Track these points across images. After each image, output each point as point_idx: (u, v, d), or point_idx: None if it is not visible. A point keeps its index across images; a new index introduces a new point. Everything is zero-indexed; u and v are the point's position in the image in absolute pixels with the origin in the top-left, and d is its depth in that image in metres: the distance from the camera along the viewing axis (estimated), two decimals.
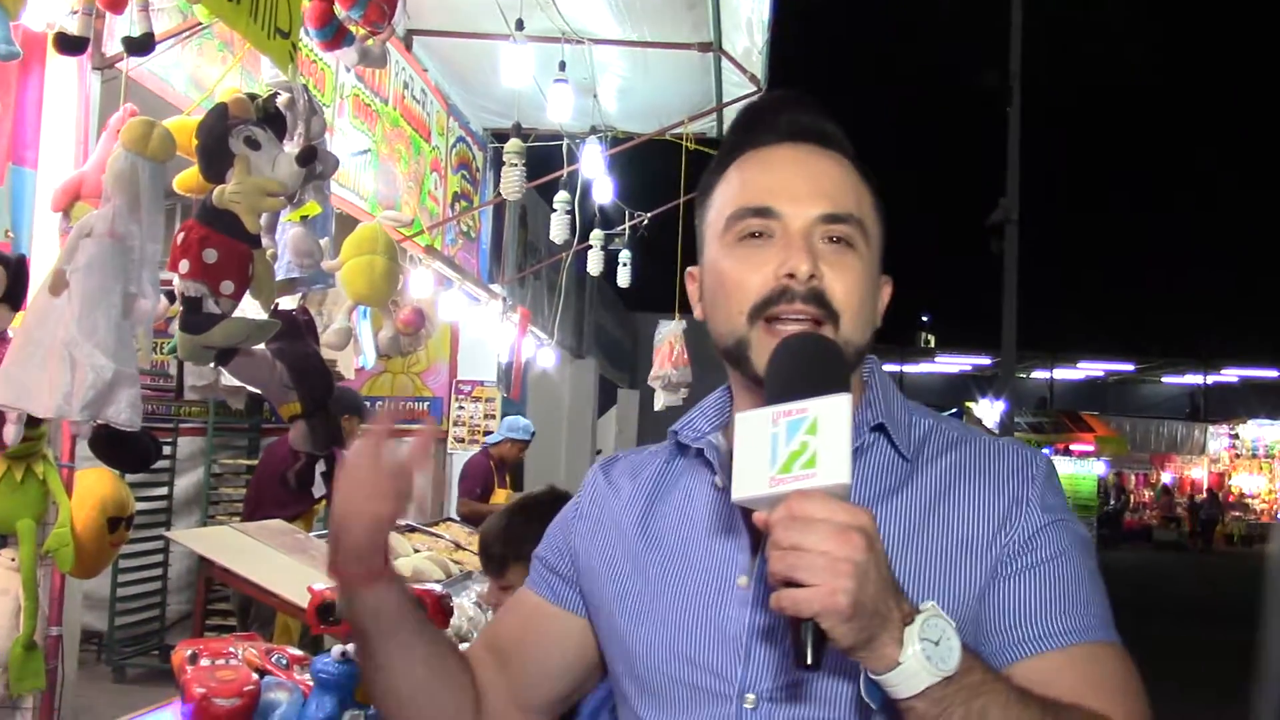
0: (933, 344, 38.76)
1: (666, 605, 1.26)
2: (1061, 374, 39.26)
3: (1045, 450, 23.51)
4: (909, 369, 39.15)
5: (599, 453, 13.87)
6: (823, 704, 1.17)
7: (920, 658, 1.02)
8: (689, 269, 1.39)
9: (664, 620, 1.25)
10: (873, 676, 1.04)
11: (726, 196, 1.30)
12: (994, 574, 1.20)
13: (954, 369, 38.39)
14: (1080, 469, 30.39)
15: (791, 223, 1.24)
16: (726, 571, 1.24)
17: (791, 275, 1.21)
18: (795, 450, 1.04)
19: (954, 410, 29.04)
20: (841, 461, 1.03)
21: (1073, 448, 29.84)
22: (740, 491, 1.08)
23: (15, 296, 2.53)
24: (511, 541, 2.33)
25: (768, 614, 1.15)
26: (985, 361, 32.45)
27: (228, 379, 3.75)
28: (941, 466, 1.27)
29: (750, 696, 1.19)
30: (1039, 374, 37.60)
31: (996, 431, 21.80)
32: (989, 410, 25.88)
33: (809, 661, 1.02)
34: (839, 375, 1.12)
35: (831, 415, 1.05)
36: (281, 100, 2.62)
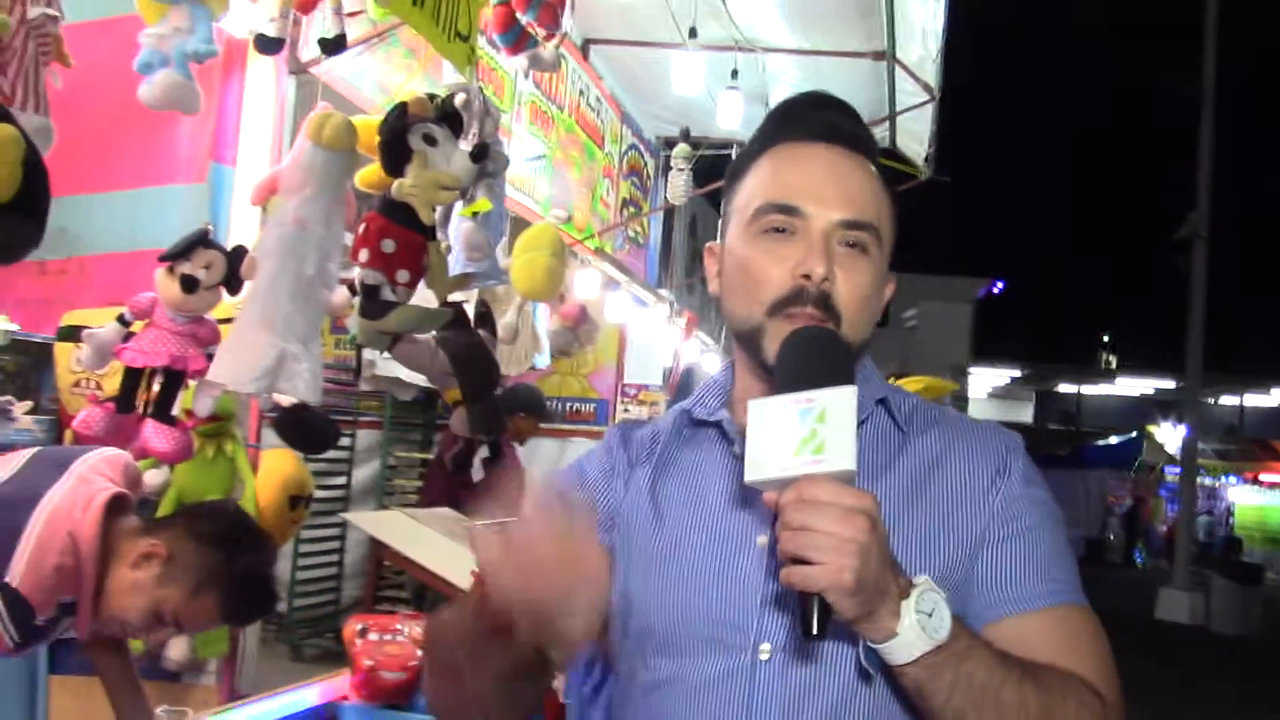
0: (1114, 365, 37.37)
1: (686, 563, 1.31)
2: (1254, 400, 37.28)
3: (1233, 479, 22.43)
4: (1087, 390, 37.79)
5: None
6: (830, 662, 1.24)
7: (915, 628, 1.13)
8: (709, 244, 1.46)
9: (683, 576, 1.31)
10: (872, 645, 1.15)
11: (757, 186, 1.37)
12: (982, 539, 1.30)
13: (1135, 391, 36.88)
14: (1271, 500, 28.84)
15: (814, 224, 1.32)
16: (745, 533, 1.31)
17: (807, 276, 1.29)
18: (805, 437, 1.13)
19: (1134, 434, 27.96)
20: (848, 449, 1.12)
21: (1262, 477, 28.28)
22: (753, 474, 1.16)
23: (233, 283, 2.73)
24: None
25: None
26: (1169, 384, 31.07)
27: (398, 371, 3.93)
28: (932, 438, 1.37)
29: (765, 647, 1.26)
30: (1228, 399, 35.79)
31: (1179, 458, 20.89)
32: (1172, 435, 24.82)
33: (815, 631, 1.12)
34: (844, 367, 1.21)
35: (839, 405, 1.14)
36: (458, 101, 2.75)
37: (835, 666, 1.24)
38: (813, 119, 1.39)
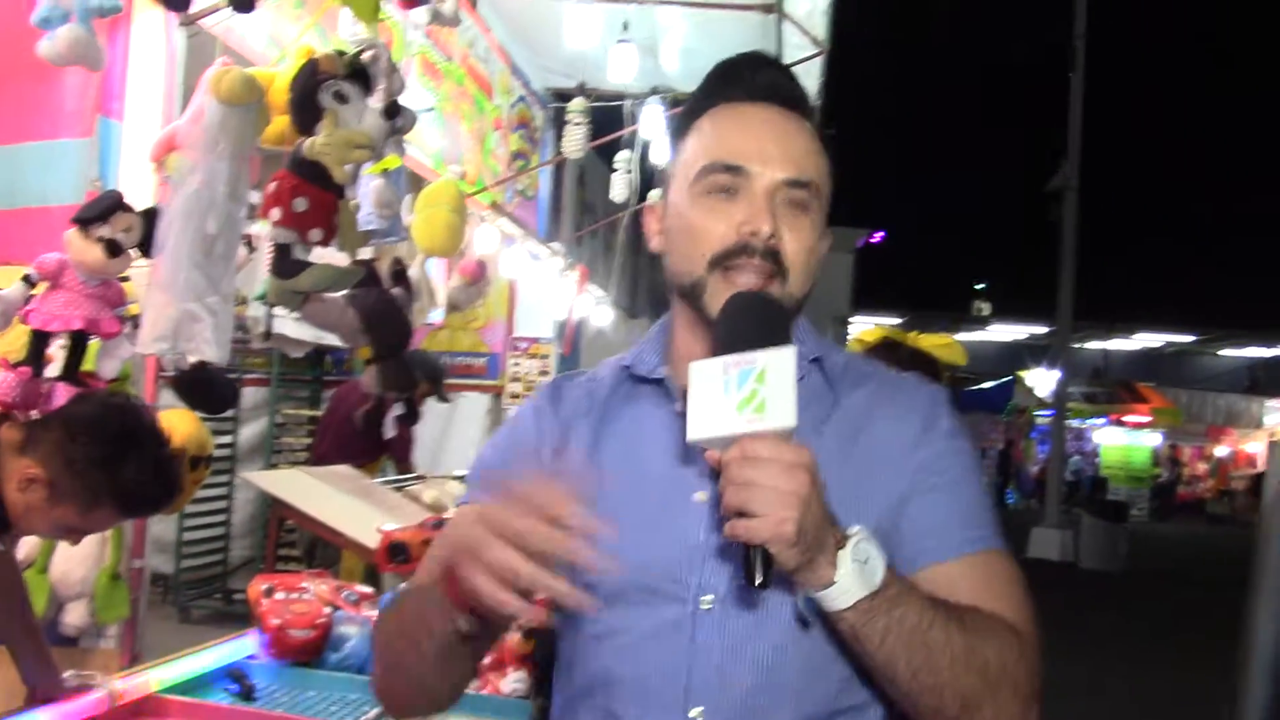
0: (988, 312, 38.42)
1: (629, 519, 1.31)
2: (1118, 344, 38.76)
3: (1100, 420, 23.29)
4: (962, 336, 38.77)
5: None
6: (769, 611, 1.30)
7: (851, 576, 1.19)
8: (648, 204, 1.49)
9: (625, 532, 1.28)
10: (810, 594, 1.22)
11: (700, 146, 1.40)
12: (910, 490, 1.37)
13: (1009, 338, 38.02)
14: (1134, 440, 30.13)
15: (758, 182, 1.36)
16: (684, 489, 1.36)
17: (754, 233, 1.34)
18: (746, 396, 1.18)
19: (1007, 378, 28.87)
20: (788, 406, 1.17)
21: (1126, 419, 29.51)
22: (696, 432, 1.21)
23: (147, 246, 2.68)
24: None
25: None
26: (1041, 330, 32.09)
27: (289, 329, 3.89)
28: (863, 394, 1.44)
29: (707, 598, 1.32)
30: (1095, 344, 37.15)
31: (1050, 401, 21.65)
32: (1043, 378, 25.68)
33: (759, 581, 1.17)
34: (783, 330, 1.30)
35: (778, 366, 1.18)
36: (366, 56, 2.72)
37: (774, 615, 1.30)
38: (754, 80, 1.42)
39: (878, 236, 29.07)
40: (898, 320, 37.29)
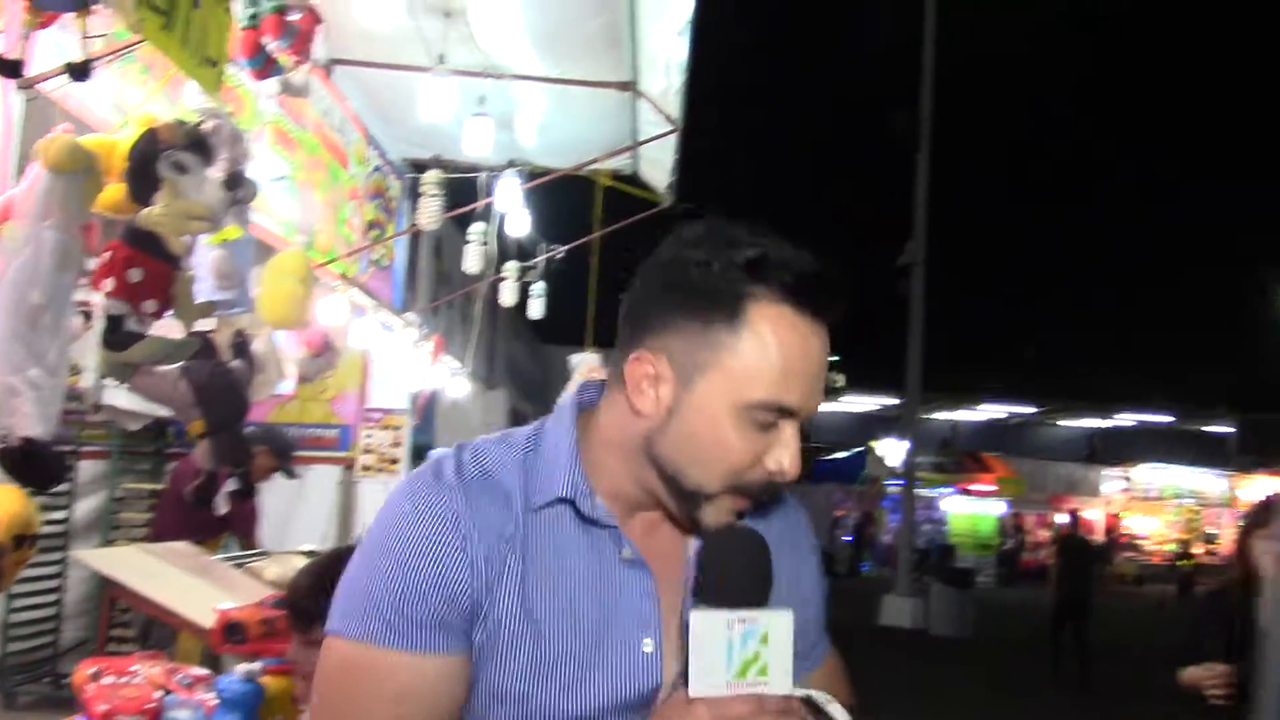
0: (841, 384, 39.31)
1: (574, 669, 1.29)
2: (965, 415, 40.06)
3: (948, 489, 23.95)
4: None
5: None
6: None
7: None
8: (645, 354, 1.30)
9: (571, 683, 1.29)
10: None
11: (759, 366, 1.25)
12: (805, 611, 1.43)
13: (861, 409, 38.95)
14: (981, 509, 31.06)
15: (798, 419, 1.30)
16: (632, 638, 1.31)
17: (782, 475, 1.30)
18: (750, 657, 1.22)
19: (859, 449, 29.52)
20: (788, 673, 1.23)
21: (973, 488, 30.50)
22: (699, 689, 1.22)
23: None
24: (327, 596, 2.26)
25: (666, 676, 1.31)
26: (892, 402, 32.98)
27: (126, 401, 3.77)
28: (773, 520, 1.48)
29: None
30: (944, 415, 38.32)
31: (900, 470, 22.18)
32: (893, 449, 26.32)
33: None
34: (770, 578, 1.30)
35: (780, 629, 1.23)
36: (207, 126, 2.68)
37: None
38: (831, 302, 1.30)
39: None
40: None
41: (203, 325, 2.99)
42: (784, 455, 1.28)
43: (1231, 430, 41.62)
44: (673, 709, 1.23)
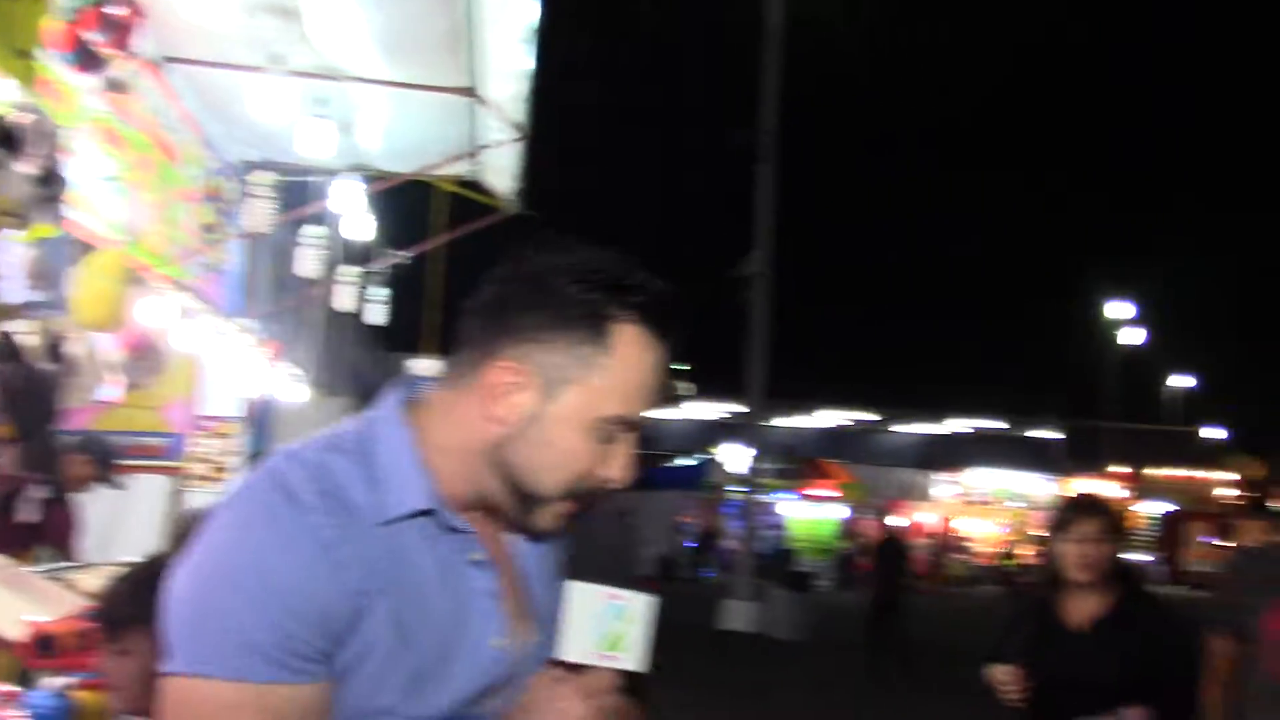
0: (688, 392, 39.75)
1: (430, 674, 1.34)
2: (807, 422, 41.00)
3: (789, 495, 24.56)
4: (662, 415, 39.93)
5: None
6: None
7: None
8: (509, 363, 1.34)
9: (428, 691, 1.34)
10: None
11: (617, 381, 1.36)
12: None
13: (705, 416, 39.45)
14: (820, 514, 31.82)
15: (635, 431, 1.41)
16: (482, 636, 1.39)
17: (612, 484, 1.41)
18: (615, 633, 1.35)
19: (703, 456, 29.90)
20: (645, 651, 1.36)
21: (813, 493, 31.22)
22: (571, 655, 1.36)
23: None
24: (141, 604, 2.20)
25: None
26: (736, 409, 33.53)
27: None
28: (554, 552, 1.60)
29: None
30: (786, 422, 39.11)
31: (742, 477, 22.53)
32: (736, 455, 26.75)
33: None
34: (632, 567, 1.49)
35: (645, 611, 1.37)
36: (17, 119, 2.58)
37: None
38: (681, 333, 1.42)
39: None
40: None
41: (12, 327, 2.87)
42: (620, 465, 1.39)
43: (1059, 436, 43.60)
44: (542, 686, 1.38)
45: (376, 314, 8.96)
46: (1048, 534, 3.84)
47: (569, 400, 1.34)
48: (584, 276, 1.34)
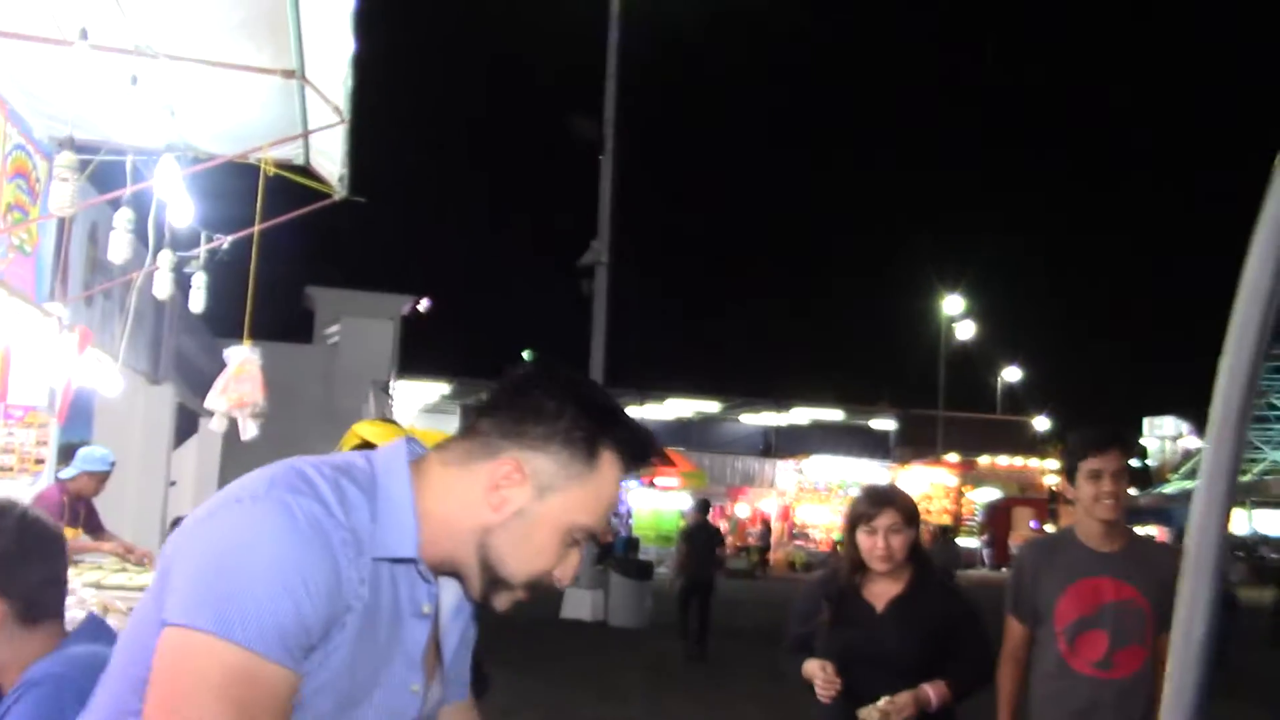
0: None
1: (363, 699, 1.51)
2: (652, 411, 41.32)
3: (634, 483, 24.73)
4: None
5: (174, 484, 13.16)
6: None
7: None
8: (514, 462, 1.55)
9: (355, 713, 1.51)
10: None
11: (593, 499, 1.59)
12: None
13: None
14: (664, 503, 32.16)
15: (589, 542, 1.68)
16: (405, 681, 1.56)
17: (561, 581, 1.62)
18: None
19: None
20: None
21: (657, 481, 31.50)
22: None
23: None
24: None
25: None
26: None
27: None
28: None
29: None
30: (630, 411, 39.35)
31: None
32: None
33: None
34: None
35: None
36: None
37: None
38: (649, 457, 1.68)
39: (424, 304, 29.25)
40: (446, 386, 37.75)
41: None
42: (570, 568, 1.61)
43: (893, 425, 45.00)
44: None
45: (197, 300, 8.63)
46: (848, 523, 3.95)
47: (554, 504, 1.56)
48: (588, 409, 1.58)
